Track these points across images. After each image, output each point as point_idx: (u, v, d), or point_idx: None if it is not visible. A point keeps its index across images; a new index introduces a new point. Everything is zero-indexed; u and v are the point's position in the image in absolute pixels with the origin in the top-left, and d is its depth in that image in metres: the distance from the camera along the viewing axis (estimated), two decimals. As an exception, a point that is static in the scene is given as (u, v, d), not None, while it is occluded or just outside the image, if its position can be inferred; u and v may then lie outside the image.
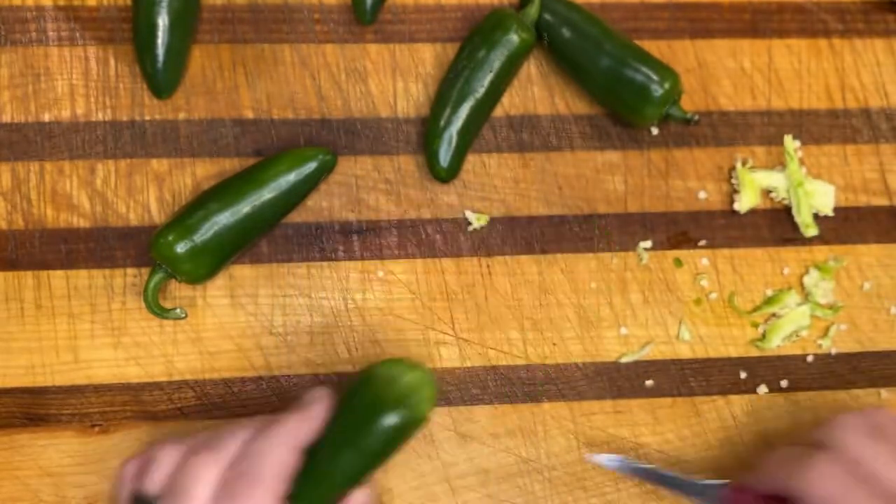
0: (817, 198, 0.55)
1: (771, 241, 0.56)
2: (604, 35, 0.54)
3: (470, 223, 0.54)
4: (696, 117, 0.54)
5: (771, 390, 0.55)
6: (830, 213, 0.56)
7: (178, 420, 0.51)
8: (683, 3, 0.59)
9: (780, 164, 0.57)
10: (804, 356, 0.55)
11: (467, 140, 0.54)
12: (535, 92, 0.57)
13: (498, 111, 0.56)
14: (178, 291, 0.52)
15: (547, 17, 0.55)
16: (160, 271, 0.49)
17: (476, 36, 0.54)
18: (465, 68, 0.53)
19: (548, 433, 0.53)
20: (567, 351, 0.54)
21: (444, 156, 0.53)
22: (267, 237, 0.53)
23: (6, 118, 0.53)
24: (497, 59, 0.53)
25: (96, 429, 0.51)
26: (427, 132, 0.54)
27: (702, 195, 0.56)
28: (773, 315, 0.55)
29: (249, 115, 0.55)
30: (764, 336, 0.55)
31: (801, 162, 0.57)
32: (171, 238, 0.48)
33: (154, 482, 0.42)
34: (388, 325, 0.53)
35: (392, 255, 0.54)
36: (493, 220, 0.55)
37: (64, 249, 0.52)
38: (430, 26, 0.57)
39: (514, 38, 0.53)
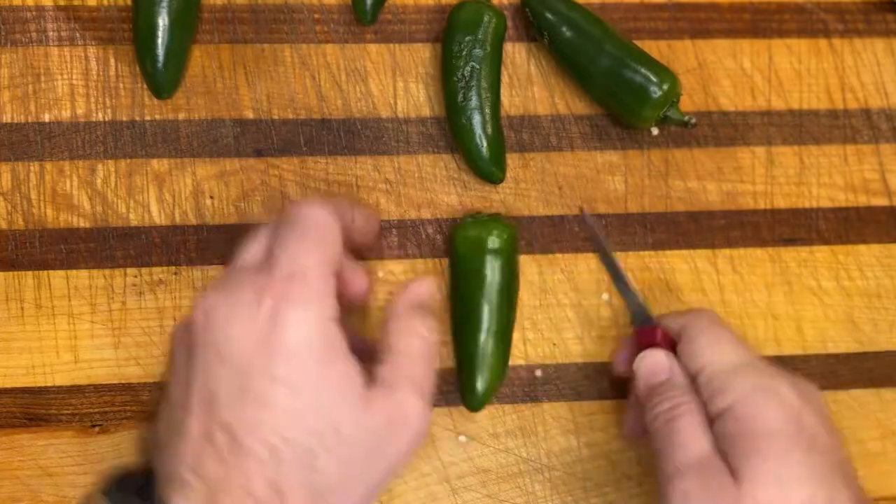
0: None
1: (771, 241, 0.56)
2: (604, 35, 0.54)
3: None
4: (694, 120, 0.54)
5: (771, 390, 0.55)
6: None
7: (178, 420, 0.51)
8: (683, 4, 0.59)
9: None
10: (804, 356, 0.55)
11: (501, 134, 0.54)
12: (535, 92, 0.57)
13: (498, 111, 0.56)
14: (178, 292, 0.52)
15: (548, 15, 0.55)
16: None
17: (458, 33, 0.54)
18: (468, 66, 0.53)
19: (548, 433, 0.53)
20: (567, 351, 0.54)
21: (493, 155, 0.54)
22: (267, 237, 0.53)
23: (6, 118, 0.53)
24: (490, 49, 0.54)
25: (96, 429, 0.51)
26: (463, 140, 0.54)
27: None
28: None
29: (250, 115, 0.55)
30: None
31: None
32: None
33: None
34: (388, 325, 0.53)
35: (392, 255, 0.54)
36: (493, 220, 0.55)
37: (64, 249, 0.52)
38: (431, 26, 0.57)
39: (493, 21, 0.54)
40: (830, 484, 0.42)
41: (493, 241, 0.51)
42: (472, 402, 0.51)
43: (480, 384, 0.50)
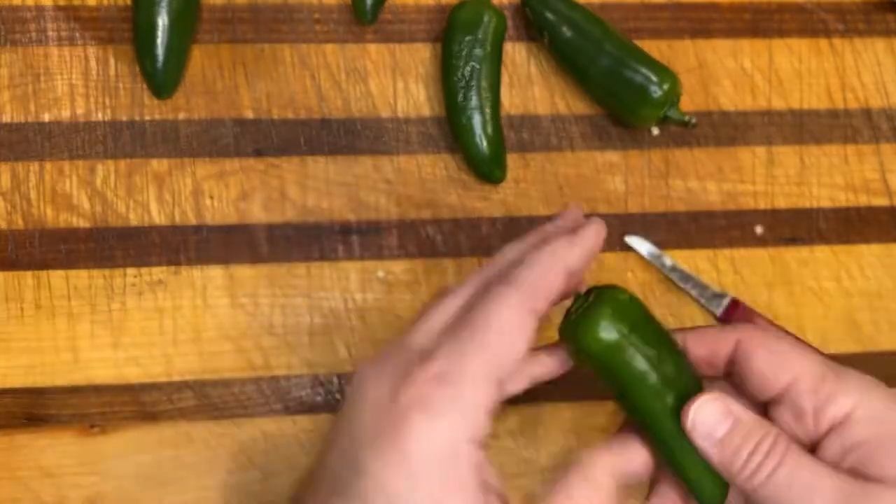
0: None
1: (771, 241, 0.56)
2: (604, 35, 0.54)
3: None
4: (694, 120, 0.54)
5: (771, 390, 0.55)
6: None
7: (177, 421, 0.51)
8: (683, 3, 0.59)
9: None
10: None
11: (501, 134, 0.54)
12: (535, 92, 0.57)
13: (498, 111, 0.56)
14: (178, 292, 0.52)
15: (548, 15, 0.55)
16: None
17: (458, 33, 0.54)
18: (468, 66, 0.53)
19: (548, 433, 0.53)
20: (567, 351, 0.54)
21: (493, 155, 0.54)
22: (267, 237, 0.53)
23: (6, 118, 0.53)
24: (491, 49, 0.54)
25: (96, 429, 0.51)
26: (463, 140, 0.54)
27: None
28: (774, 315, 0.55)
29: (249, 115, 0.55)
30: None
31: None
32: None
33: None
34: (388, 325, 0.53)
35: (392, 255, 0.54)
36: (493, 220, 0.55)
37: (64, 249, 0.52)
38: (431, 26, 0.57)
39: (493, 21, 0.54)
40: None
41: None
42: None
43: None
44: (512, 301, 0.37)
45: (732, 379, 0.42)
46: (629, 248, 0.55)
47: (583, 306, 0.40)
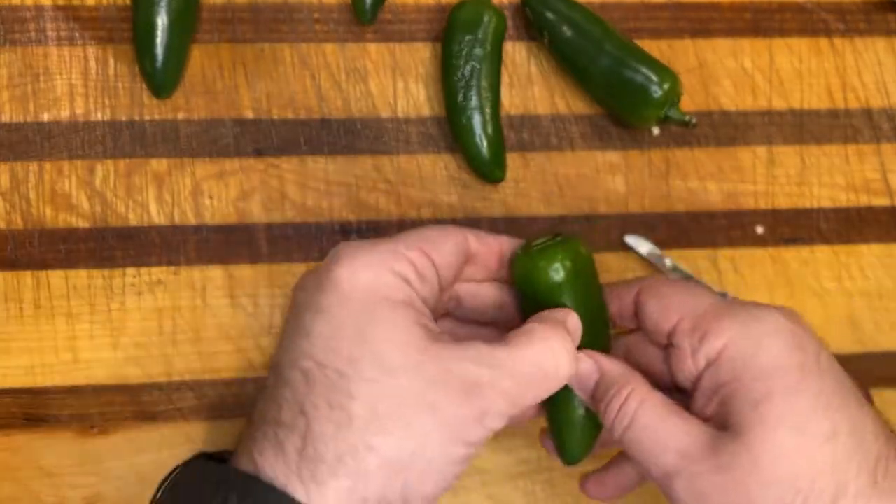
0: None
1: (771, 241, 0.56)
2: (604, 34, 0.54)
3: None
4: (695, 120, 0.54)
5: (772, 391, 0.54)
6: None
7: (177, 421, 0.51)
8: (684, 3, 0.59)
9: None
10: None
11: (501, 134, 0.54)
12: (535, 92, 0.57)
13: (498, 111, 0.56)
14: (177, 292, 0.52)
15: (548, 15, 0.55)
16: None
17: (458, 33, 0.54)
18: (468, 65, 0.53)
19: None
20: (567, 351, 0.54)
21: (493, 155, 0.54)
22: (267, 237, 0.53)
23: (5, 118, 0.53)
24: (491, 48, 0.54)
25: (95, 429, 0.51)
26: (463, 139, 0.54)
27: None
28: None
29: (249, 114, 0.55)
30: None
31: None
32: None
33: None
34: (387, 325, 0.53)
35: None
36: (493, 220, 0.55)
37: (63, 249, 0.52)
38: (431, 26, 0.57)
39: (493, 21, 0.54)
40: (848, 407, 0.36)
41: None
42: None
43: None
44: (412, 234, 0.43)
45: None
46: (629, 248, 0.55)
47: (546, 243, 0.44)
